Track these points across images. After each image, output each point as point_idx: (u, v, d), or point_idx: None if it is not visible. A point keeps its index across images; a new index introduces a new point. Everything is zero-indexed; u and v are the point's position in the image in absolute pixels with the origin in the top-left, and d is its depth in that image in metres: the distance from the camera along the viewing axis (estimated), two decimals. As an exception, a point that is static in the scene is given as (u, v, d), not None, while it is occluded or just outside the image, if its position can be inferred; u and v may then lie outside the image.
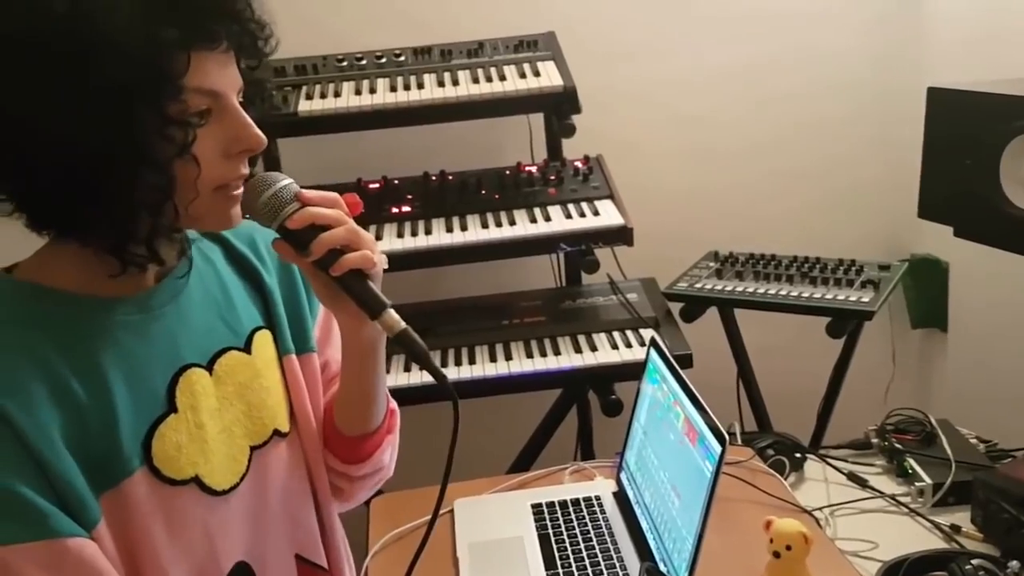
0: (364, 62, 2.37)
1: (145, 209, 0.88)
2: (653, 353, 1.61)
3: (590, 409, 2.42)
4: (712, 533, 1.26)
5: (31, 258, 0.97)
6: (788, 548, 1.31)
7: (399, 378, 2.01)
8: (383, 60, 2.39)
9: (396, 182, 2.33)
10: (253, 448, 1.07)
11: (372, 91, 2.27)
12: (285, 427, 1.12)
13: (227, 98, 0.92)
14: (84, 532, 0.88)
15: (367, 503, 1.70)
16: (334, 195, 1.02)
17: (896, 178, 2.75)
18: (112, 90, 0.83)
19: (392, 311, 1.00)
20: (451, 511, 1.65)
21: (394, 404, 1.25)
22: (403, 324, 1.00)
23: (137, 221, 0.89)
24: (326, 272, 1.00)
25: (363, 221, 2.19)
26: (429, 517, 1.56)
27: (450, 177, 2.34)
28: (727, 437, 1.24)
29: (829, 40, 2.75)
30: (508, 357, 2.07)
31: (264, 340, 1.12)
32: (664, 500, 1.42)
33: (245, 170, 0.96)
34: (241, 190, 0.98)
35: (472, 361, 2.08)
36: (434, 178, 2.34)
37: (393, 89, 2.28)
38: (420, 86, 2.29)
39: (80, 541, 0.88)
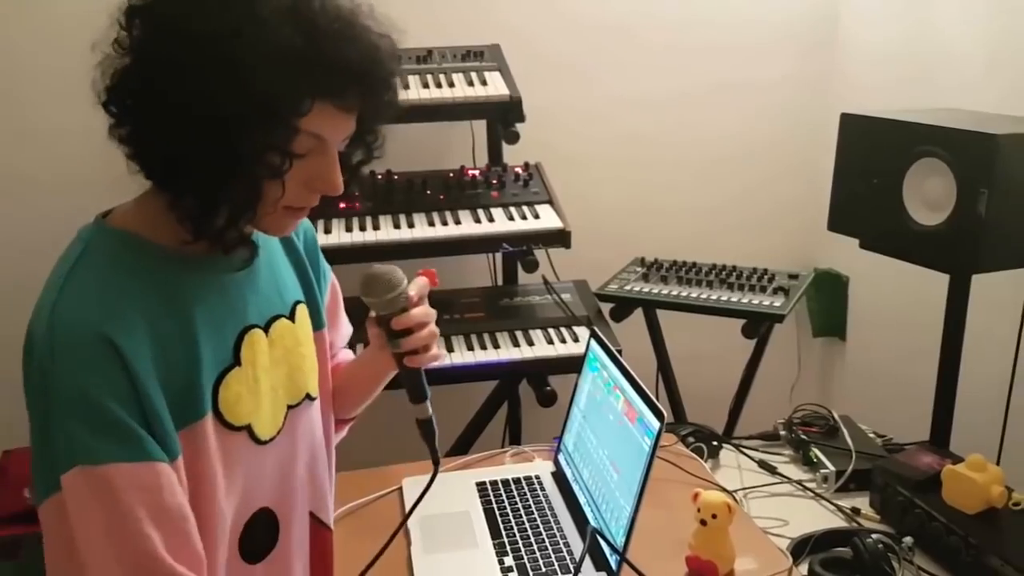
0: (316, 62, 2.44)
1: (228, 207, 0.99)
2: (594, 344, 1.75)
3: (519, 401, 2.55)
4: (643, 508, 1.40)
5: (129, 207, 1.06)
6: (714, 516, 1.47)
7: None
8: (334, 61, 2.46)
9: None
10: (289, 407, 1.18)
11: (324, 91, 2.34)
12: (315, 392, 1.24)
13: (330, 144, 1.03)
14: (169, 461, 0.97)
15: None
16: (426, 285, 1.25)
17: (806, 199, 2.97)
18: (240, 106, 0.92)
19: (428, 401, 1.25)
20: (399, 489, 1.74)
21: None
22: (429, 413, 1.25)
23: (218, 212, 0.99)
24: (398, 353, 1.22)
25: (312, 216, 2.29)
26: (378, 494, 1.66)
27: (395, 176, 2.43)
28: (664, 413, 1.39)
29: (755, 71, 2.96)
30: (450, 350, 2.17)
31: (304, 313, 1.24)
32: (603, 475, 1.56)
33: (315, 201, 1.07)
34: (306, 210, 1.08)
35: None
36: (380, 177, 2.42)
37: (344, 90, 2.36)
38: (371, 88, 2.37)
39: (168, 467, 0.97)
